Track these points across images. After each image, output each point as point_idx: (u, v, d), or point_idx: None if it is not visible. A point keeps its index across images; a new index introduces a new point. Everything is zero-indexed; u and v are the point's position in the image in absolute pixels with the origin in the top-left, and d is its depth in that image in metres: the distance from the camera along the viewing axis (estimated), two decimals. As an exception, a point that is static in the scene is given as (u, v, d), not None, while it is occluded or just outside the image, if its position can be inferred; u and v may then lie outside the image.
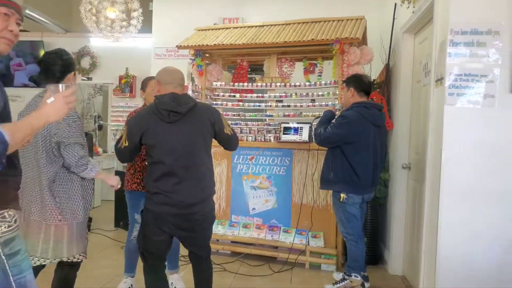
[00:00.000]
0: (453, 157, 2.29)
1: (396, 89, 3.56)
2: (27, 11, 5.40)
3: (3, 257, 1.31)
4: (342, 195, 2.88)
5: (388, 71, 3.83)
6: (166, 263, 2.49)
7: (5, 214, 1.34)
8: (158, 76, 2.27)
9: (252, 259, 3.68)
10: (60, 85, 1.36)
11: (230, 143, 2.45)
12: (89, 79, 6.92)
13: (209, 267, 2.44)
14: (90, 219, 4.81)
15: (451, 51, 2.30)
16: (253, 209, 3.84)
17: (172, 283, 2.93)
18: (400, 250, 3.40)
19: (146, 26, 5.54)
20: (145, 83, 2.98)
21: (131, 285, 2.97)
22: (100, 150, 5.98)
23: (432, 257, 2.41)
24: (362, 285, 2.98)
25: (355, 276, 2.96)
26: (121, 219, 4.76)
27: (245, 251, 3.73)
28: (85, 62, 6.87)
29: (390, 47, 3.83)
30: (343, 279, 3.01)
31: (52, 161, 2.13)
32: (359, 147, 2.88)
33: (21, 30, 1.43)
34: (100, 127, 6.71)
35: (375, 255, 3.60)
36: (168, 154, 2.14)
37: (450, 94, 2.30)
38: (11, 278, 1.31)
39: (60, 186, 2.16)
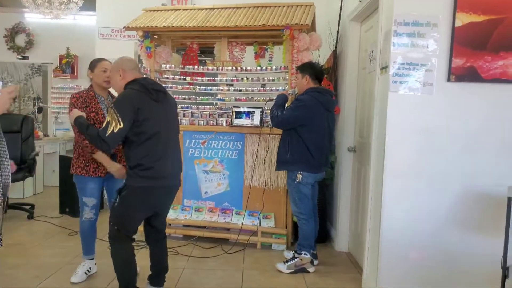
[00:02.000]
0: (395, 140, 2.46)
1: (343, 75, 3.71)
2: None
3: None
4: (298, 175, 3.03)
5: (335, 58, 3.97)
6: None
7: None
8: (122, 64, 2.41)
9: (204, 241, 3.72)
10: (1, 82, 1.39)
11: None
12: (25, 58, 6.43)
13: (166, 243, 2.65)
14: (31, 206, 4.57)
15: (395, 41, 2.44)
16: (206, 192, 3.86)
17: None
18: (346, 228, 3.62)
19: (90, 3, 5.23)
20: (94, 64, 2.86)
21: (90, 268, 2.93)
22: (41, 134, 5.63)
23: (376, 232, 2.60)
24: (311, 262, 3.15)
25: (305, 254, 3.12)
26: (66, 206, 4.57)
27: (198, 234, 3.76)
28: (20, 40, 6.37)
29: (337, 34, 3.96)
30: (294, 257, 3.15)
31: None
32: (314, 129, 3.03)
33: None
34: (40, 110, 6.29)
35: (323, 234, 3.79)
36: (161, 128, 2.32)
37: (393, 81, 2.45)
38: None
39: None
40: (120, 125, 2.17)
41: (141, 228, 2.58)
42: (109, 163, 2.70)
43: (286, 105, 3.27)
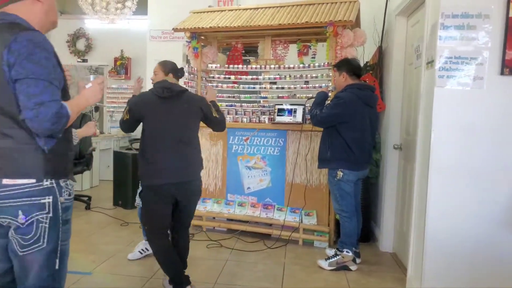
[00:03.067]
0: (441, 137, 2.38)
1: (389, 71, 3.63)
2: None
3: (60, 221, 1.47)
4: (339, 172, 3.02)
5: (380, 54, 3.89)
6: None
7: (68, 183, 1.50)
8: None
9: (247, 236, 3.80)
10: (92, 76, 1.59)
11: (217, 125, 2.77)
12: (85, 61, 6.90)
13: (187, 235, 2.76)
14: (89, 198, 4.90)
15: (441, 34, 2.36)
16: (248, 188, 3.94)
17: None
18: (391, 228, 3.53)
19: (142, 8, 5.52)
20: None
21: (146, 248, 3.21)
22: (97, 131, 6.02)
23: (421, 231, 2.53)
24: (354, 260, 3.12)
25: (346, 251, 3.09)
26: (119, 198, 4.86)
27: (241, 228, 3.85)
28: (81, 44, 6.85)
29: (383, 30, 3.88)
30: (335, 255, 3.14)
31: None
32: (354, 126, 3.01)
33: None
34: (97, 109, 6.73)
35: (366, 233, 3.73)
36: (163, 124, 2.45)
37: (440, 76, 2.37)
38: (59, 242, 1.47)
39: None
40: (126, 116, 2.51)
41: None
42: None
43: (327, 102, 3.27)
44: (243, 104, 4.18)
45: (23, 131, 1.36)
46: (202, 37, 4.23)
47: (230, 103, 4.20)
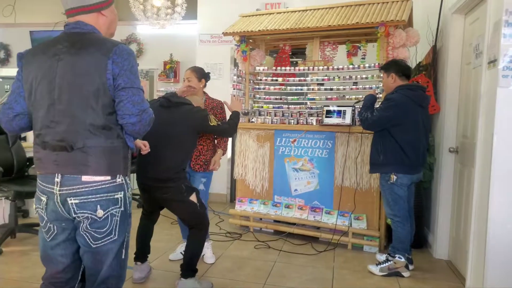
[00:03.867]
0: (505, 139, 2.26)
1: (444, 72, 3.49)
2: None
3: (128, 213, 1.60)
4: (392, 176, 2.94)
5: (435, 53, 3.75)
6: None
7: (129, 179, 1.62)
8: None
9: (294, 238, 3.79)
10: None
11: (221, 133, 2.92)
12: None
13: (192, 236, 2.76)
14: (141, 196, 5.08)
15: (505, 32, 2.25)
16: (295, 190, 3.93)
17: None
18: (446, 234, 3.38)
19: (191, 12, 5.68)
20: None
21: None
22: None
23: (481, 239, 2.41)
24: (406, 267, 3.03)
25: (399, 257, 3.01)
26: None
27: (288, 230, 3.85)
28: (133, 49, 7.14)
29: (437, 28, 3.73)
30: (387, 260, 3.06)
31: None
32: (407, 128, 2.92)
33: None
34: (148, 111, 7.01)
35: (419, 239, 3.60)
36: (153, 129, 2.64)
37: (504, 76, 2.26)
38: (126, 233, 1.60)
39: None
40: None
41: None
42: None
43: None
44: (290, 105, 4.18)
45: (108, 132, 1.49)
46: (251, 40, 4.29)
47: (277, 105, 4.22)
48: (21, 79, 1.56)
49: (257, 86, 4.31)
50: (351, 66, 3.96)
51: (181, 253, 3.22)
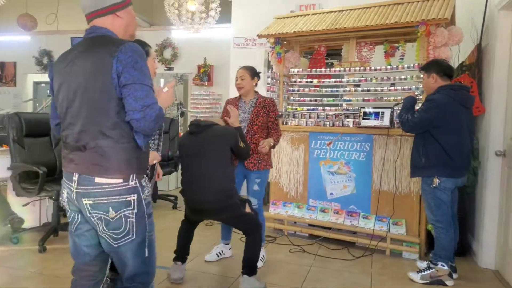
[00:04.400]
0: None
1: (490, 71, 3.32)
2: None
3: (146, 215, 1.61)
4: (435, 179, 2.82)
5: (479, 52, 3.58)
6: None
7: (146, 181, 1.64)
8: None
9: (330, 242, 3.72)
10: (162, 80, 1.72)
11: (241, 156, 2.83)
12: (171, 69, 7.34)
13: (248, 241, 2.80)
14: (175, 197, 5.17)
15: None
16: (331, 194, 3.86)
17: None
18: (493, 242, 3.21)
19: (224, 16, 5.73)
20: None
21: (222, 251, 3.29)
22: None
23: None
24: (450, 275, 2.89)
25: (441, 265, 2.88)
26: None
27: (323, 234, 3.78)
28: (167, 53, 7.30)
29: (482, 26, 3.57)
30: (428, 268, 2.93)
31: None
32: (451, 130, 2.81)
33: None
34: (182, 114, 7.15)
35: (462, 246, 3.43)
36: (190, 156, 2.72)
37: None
38: (146, 233, 1.62)
39: None
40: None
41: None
42: None
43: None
44: (325, 107, 4.12)
45: (120, 132, 1.50)
46: (285, 42, 4.26)
47: (312, 107, 4.16)
48: (53, 89, 1.66)
49: (291, 88, 4.28)
50: (389, 67, 3.85)
51: (216, 254, 3.25)
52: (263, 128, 3.10)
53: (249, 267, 2.69)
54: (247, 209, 2.76)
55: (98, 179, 1.50)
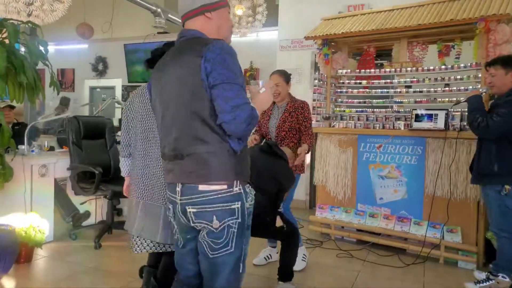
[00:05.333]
0: None
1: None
2: (169, 15, 6.07)
3: (246, 226, 1.50)
4: (507, 186, 2.60)
5: (545, 49, 3.33)
6: None
7: (250, 188, 1.54)
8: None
9: (379, 248, 3.61)
10: (261, 81, 1.63)
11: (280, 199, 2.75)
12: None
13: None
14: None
15: None
16: (381, 198, 3.74)
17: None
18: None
19: (271, 19, 5.76)
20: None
21: (270, 255, 3.25)
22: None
23: None
24: None
25: (503, 276, 2.69)
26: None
27: (372, 240, 3.67)
28: (214, 58, 7.44)
29: (549, 21, 3.32)
30: (488, 279, 2.76)
31: None
32: None
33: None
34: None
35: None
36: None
37: None
38: (243, 245, 1.51)
39: None
40: None
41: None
42: None
43: None
44: (374, 109, 4.01)
45: (217, 136, 1.41)
46: (333, 43, 4.20)
47: (360, 109, 4.07)
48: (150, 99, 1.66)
49: (339, 90, 4.21)
50: (443, 67, 3.68)
51: (264, 258, 3.25)
52: (293, 133, 3.04)
53: (285, 273, 2.66)
54: (278, 222, 2.70)
55: (201, 187, 1.42)
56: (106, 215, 3.91)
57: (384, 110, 3.98)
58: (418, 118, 3.49)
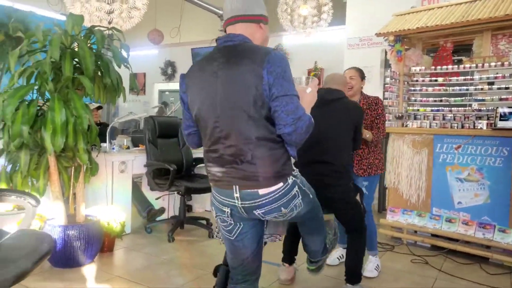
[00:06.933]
0: None
1: None
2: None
3: (309, 192, 1.70)
4: None
5: None
6: None
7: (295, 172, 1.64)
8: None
9: (457, 256, 3.38)
10: (305, 77, 1.62)
11: (359, 141, 2.67)
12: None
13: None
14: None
15: None
16: (459, 203, 3.51)
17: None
18: None
19: (338, 18, 5.66)
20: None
21: (342, 255, 3.19)
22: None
23: None
24: None
25: None
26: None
27: (449, 246, 3.45)
28: (279, 59, 7.48)
29: None
30: None
31: None
32: None
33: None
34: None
35: None
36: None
37: None
38: (313, 198, 1.76)
39: None
40: None
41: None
42: None
43: None
44: (452, 108, 3.77)
45: (272, 140, 1.48)
46: (406, 40, 4.03)
47: (436, 108, 3.85)
48: (186, 101, 1.63)
49: (412, 88, 4.02)
50: (533, 61, 3.37)
51: (337, 258, 3.20)
52: (369, 129, 2.94)
53: (353, 274, 2.56)
54: (358, 199, 2.58)
55: (262, 191, 1.50)
56: (178, 210, 4.08)
57: (462, 108, 3.73)
58: (503, 116, 3.23)
